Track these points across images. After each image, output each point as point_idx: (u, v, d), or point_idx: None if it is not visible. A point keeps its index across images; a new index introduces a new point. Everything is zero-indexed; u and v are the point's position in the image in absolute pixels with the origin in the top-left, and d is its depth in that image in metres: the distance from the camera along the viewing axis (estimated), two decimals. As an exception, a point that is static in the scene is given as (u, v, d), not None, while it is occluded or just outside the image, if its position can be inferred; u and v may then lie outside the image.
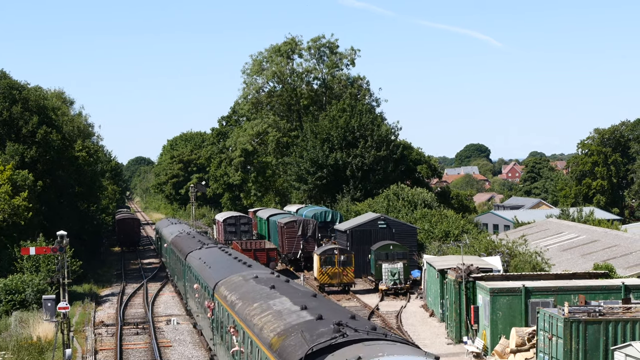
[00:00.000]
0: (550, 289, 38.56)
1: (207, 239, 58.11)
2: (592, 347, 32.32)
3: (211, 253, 44.92)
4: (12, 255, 57.30)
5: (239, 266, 36.79)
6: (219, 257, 42.28)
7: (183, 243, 56.34)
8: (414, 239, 66.19)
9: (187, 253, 49.41)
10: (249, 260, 40.45)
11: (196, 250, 48.24)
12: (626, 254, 54.10)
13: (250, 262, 39.17)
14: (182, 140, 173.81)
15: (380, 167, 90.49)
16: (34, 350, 41.03)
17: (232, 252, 45.48)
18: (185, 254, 50.20)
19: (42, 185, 65.50)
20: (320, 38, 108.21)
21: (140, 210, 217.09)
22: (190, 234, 63.81)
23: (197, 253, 46.57)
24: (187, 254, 48.93)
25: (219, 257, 42.66)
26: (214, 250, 46.36)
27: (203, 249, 48.13)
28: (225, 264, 38.55)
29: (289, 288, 28.13)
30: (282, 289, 27.55)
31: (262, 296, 26.83)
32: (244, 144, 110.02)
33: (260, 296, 26.90)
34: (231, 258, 41.22)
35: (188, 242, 55.16)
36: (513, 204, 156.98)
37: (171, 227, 75.14)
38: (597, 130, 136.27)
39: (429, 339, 44.13)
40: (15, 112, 67.40)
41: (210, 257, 42.52)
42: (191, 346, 43.19)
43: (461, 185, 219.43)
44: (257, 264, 39.57)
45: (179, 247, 55.94)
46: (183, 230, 67.72)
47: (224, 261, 40.18)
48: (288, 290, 27.30)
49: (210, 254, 44.17)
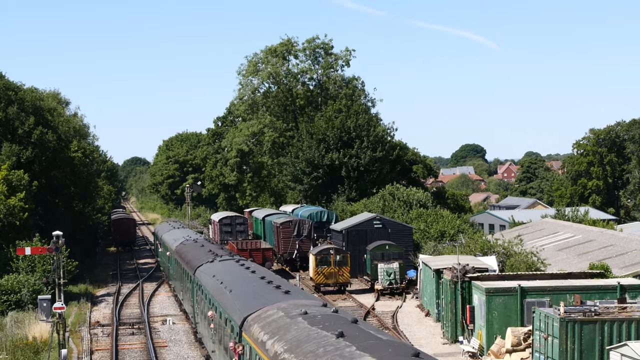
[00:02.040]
0: (546, 289, 38.61)
1: (218, 248, 49.78)
2: (588, 346, 32.37)
3: (228, 268, 36.74)
4: (8, 256, 57.32)
5: (272, 292, 27.60)
6: (240, 276, 33.63)
7: (190, 253, 48.19)
8: (409, 238, 66.25)
9: (196, 267, 41.22)
10: (281, 280, 31.31)
11: (207, 263, 40.16)
12: (622, 254, 54.19)
13: (284, 284, 29.97)
14: (177, 140, 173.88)
15: (376, 168, 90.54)
16: (30, 350, 40.98)
17: (254, 267, 36.93)
18: (193, 267, 42.13)
19: (38, 185, 65.49)
20: (315, 39, 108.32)
21: (136, 211, 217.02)
22: (198, 241, 54.93)
23: (210, 268, 38.41)
24: (196, 267, 40.76)
25: (239, 275, 34.01)
26: (231, 265, 38.10)
27: (216, 261, 40.02)
28: (251, 287, 29.54)
29: (367, 337, 18.30)
30: (358, 340, 17.67)
31: (327, 351, 17.36)
32: (240, 145, 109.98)
33: (325, 351, 17.44)
34: (257, 278, 32.02)
35: (196, 253, 46.92)
36: (509, 204, 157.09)
37: (174, 233, 66.28)
38: (592, 131, 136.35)
39: (424, 338, 44.17)
40: (11, 112, 67.49)
41: (228, 275, 34.15)
42: (187, 346, 43.19)
43: (457, 185, 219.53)
44: (295, 287, 30.20)
45: (185, 258, 47.93)
46: (189, 237, 58.87)
47: (249, 282, 31.09)
48: (368, 342, 17.46)
49: (227, 270, 36.01)
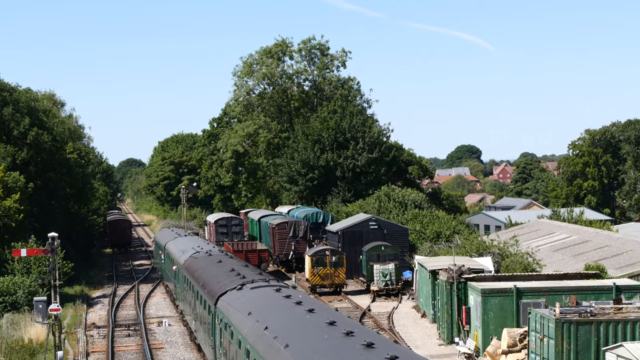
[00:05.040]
0: (541, 290, 38.64)
1: (242, 266, 37.98)
2: (584, 347, 32.39)
3: (268, 302, 26.65)
4: (3, 257, 57.22)
5: (347, 345, 18.58)
6: (291, 317, 23.15)
7: (206, 272, 37.64)
8: (405, 239, 66.24)
9: (217, 294, 31.12)
10: (349, 322, 22.17)
11: (234, 291, 30.14)
12: (617, 255, 54.24)
13: (360, 330, 20.57)
14: (173, 141, 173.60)
15: (372, 169, 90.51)
16: (26, 352, 40.97)
17: (304, 299, 26.39)
18: (213, 295, 31.85)
19: (34, 187, 65.45)
20: (311, 40, 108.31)
21: (132, 212, 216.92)
22: (213, 254, 44.05)
23: (239, 299, 28.40)
24: (219, 296, 30.81)
25: (290, 315, 23.45)
26: (270, 296, 27.64)
27: (246, 289, 29.81)
28: (315, 339, 19.80)
29: None
30: None
31: None
32: (235, 146, 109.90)
33: None
34: (319, 321, 21.47)
35: (214, 272, 36.49)
36: (504, 205, 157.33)
37: (180, 242, 55.50)
38: (587, 131, 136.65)
39: (420, 339, 44.18)
40: (6, 114, 67.45)
41: (272, 315, 23.82)
42: (182, 348, 43.15)
43: (452, 186, 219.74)
44: (380, 336, 20.23)
45: (200, 279, 37.28)
46: (199, 248, 48.03)
47: (308, 329, 21.09)
48: None
49: (268, 306, 25.92)
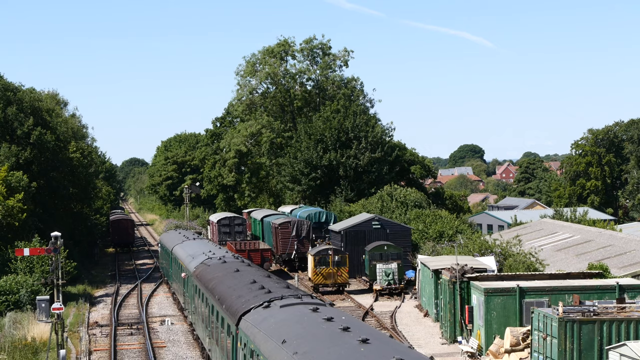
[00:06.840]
0: (544, 289, 38.63)
1: (264, 276, 33.00)
2: (587, 346, 32.38)
3: (304, 324, 21.84)
4: (6, 256, 57.27)
5: None
6: (334, 345, 18.98)
7: (223, 284, 32.82)
8: (408, 239, 66.22)
9: (239, 314, 26.36)
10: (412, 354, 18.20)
11: (260, 309, 25.43)
12: (620, 254, 54.23)
13: None
14: (176, 141, 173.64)
15: (375, 168, 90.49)
16: (29, 351, 41.00)
17: (348, 320, 21.97)
18: (235, 313, 27.08)
19: (37, 186, 65.46)
20: (313, 39, 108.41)
21: (135, 212, 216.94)
22: (227, 261, 39.72)
23: (267, 320, 23.57)
24: (241, 316, 26.12)
25: (333, 343, 19.21)
26: (305, 316, 22.75)
27: (275, 307, 24.86)
28: None
29: None
30: None
31: None
32: (238, 145, 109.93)
33: None
34: (373, 351, 17.99)
35: (233, 284, 31.59)
36: (507, 205, 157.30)
37: (189, 246, 51.16)
38: (590, 131, 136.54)
39: (423, 339, 44.17)
40: (10, 113, 67.51)
41: (311, 343, 19.68)
42: (185, 347, 43.17)
43: (455, 185, 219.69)
44: None
45: (216, 292, 32.31)
46: (212, 253, 43.40)
47: None
48: None
49: (305, 329, 21.26)
